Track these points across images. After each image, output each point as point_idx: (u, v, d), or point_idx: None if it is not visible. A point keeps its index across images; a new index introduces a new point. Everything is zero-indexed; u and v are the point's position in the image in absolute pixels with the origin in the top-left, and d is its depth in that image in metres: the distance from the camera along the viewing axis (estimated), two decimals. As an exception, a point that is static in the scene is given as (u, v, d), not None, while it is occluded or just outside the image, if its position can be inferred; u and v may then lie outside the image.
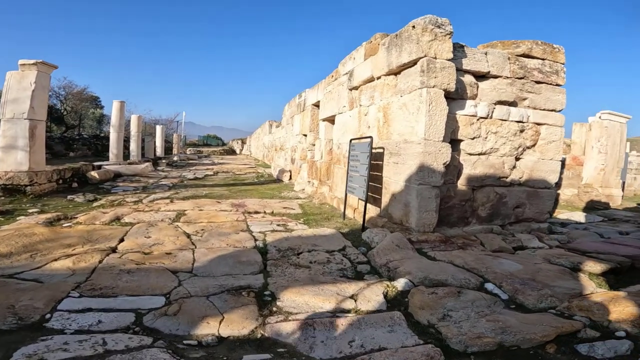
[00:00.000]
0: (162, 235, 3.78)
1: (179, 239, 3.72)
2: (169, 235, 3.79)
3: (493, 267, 3.02)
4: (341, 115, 6.28)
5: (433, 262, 3.16)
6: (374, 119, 4.91)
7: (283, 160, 13.27)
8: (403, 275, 2.88)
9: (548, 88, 4.54)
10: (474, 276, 2.87)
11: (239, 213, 5.13)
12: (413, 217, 3.82)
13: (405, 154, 3.93)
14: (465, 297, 2.51)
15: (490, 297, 2.57)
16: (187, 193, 7.22)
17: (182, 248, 3.46)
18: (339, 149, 6.38)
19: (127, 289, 2.56)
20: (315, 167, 8.20)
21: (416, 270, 2.89)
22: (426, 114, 3.64)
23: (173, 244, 3.55)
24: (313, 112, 8.78)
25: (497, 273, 2.90)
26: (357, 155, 4.77)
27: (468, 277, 2.83)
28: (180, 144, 31.21)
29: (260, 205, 5.94)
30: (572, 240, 4.54)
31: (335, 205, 6.24)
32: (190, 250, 3.41)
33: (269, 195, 7.60)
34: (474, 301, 2.47)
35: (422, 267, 2.97)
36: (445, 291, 2.58)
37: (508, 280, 2.78)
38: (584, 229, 5.32)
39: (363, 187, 4.39)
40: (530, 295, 2.56)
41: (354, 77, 5.60)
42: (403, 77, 4.17)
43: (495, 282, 2.77)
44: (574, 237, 4.65)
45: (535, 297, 2.53)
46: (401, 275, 2.90)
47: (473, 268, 3.03)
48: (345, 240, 3.93)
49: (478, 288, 2.73)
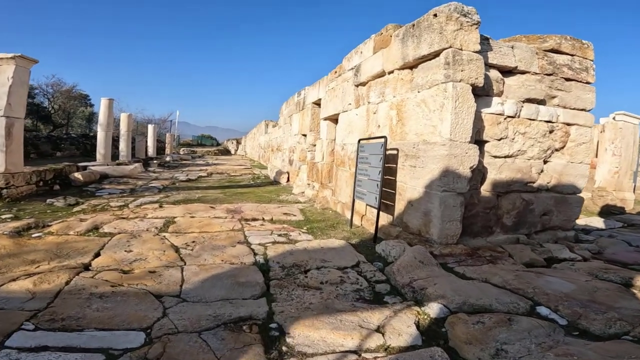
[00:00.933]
0: (146, 249, 3.28)
1: (166, 253, 3.21)
2: (153, 249, 3.28)
3: (541, 287, 2.61)
4: (346, 113, 5.82)
5: (467, 282, 2.71)
6: (384, 117, 4.45)
7: (280, 161, 12.77)
8: (434, 298, 2.44)
9: (578, 86, 4.13)
10: (521, 299, 2.46)
11: (235, 220, 4.64)
12: (435, 227, 3.37)
13: (425, 157, 3.48)
14: (519, 326, 2.09)
15: (547, 323, 2.18)
16: (178, 197, 6.69)
17: (169, 265, 2.96)
18: (343, 150, 5.92)
19: (97, 321, 2.07)
20: (316, 169, 7.73)
21: (451, 293, 2.44)
22: (452, 111, 3.19)
23: (158, 260, 3.05)
24: (313, 111, 8.31)
25: (549, 294, 2.50)
26: (366, 158, 4.31)
27: (515, 301, 2.41)
28: (174, 144, 30.52)
29: (258, 210, 5.45)
30: (602, 249, 4.16)
31: (339, 210, 5.77)
32: (179, 267, 2.92)
33: (266, 199, 7.11)
34: (530, 330, 2.05)
35: (457, 289, 2.52)
36: (494, 319, 2.15)
37: (564, 302, 2.39)
38: (609, 237, 4.94)
39: (375, 194, 3.92)
40: (595, 319, 2.17)
41: (361, 72, 5.15)
42: (421, 70, 3.73)
43: (550, 306, 2.38)
44: (604, 246, 4.26)
45: (601, 321, 2.15)
46: (432, 298, 2.45)
47: (517, 288, 2.61)
48: (357, 253, 3.46)
49: (529, 313, 2.35)
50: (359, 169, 4.50)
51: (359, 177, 4.51)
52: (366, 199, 4.22)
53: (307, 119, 8.67)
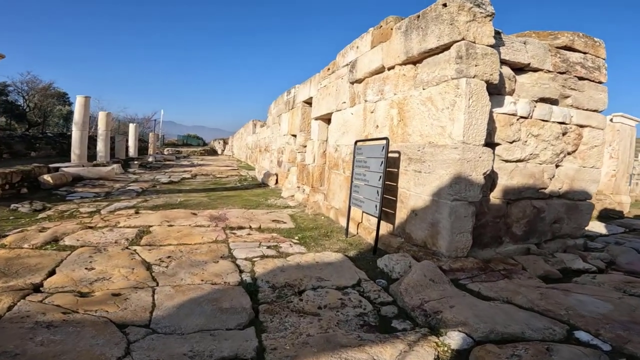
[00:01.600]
0: (111, 266, 2.81)
1: (135, 271, 2.75)
2: (120, 266, 2.81)
3: (574, 308, 2.30)
4: (340, 112, 5.45)
5: (490, 305, 2.36)
6: (384, 116, 4.10)
7: (268, 162, 12.32)
8: (453, 325, 2.08)
9: (591, 85, 3.86)
10: (555, 322, 2.15)
11: (219, 230, 4.19)
12: (444, 240, 3.02)
13: (433, 161, 3.13)
14: (560, 356, 1.77)
15: (590, 351, 1.88)
16: (158, 201, 6.19)
17: (138, 286, 2.51)
18: (336, 152, 5.54)
19: (39, 359, 1.63)
20: (307, 171, 7.34)
21: (474, 319, 2.09)
22: (465, 110, 2.84)
23: (125, 280, 2.59)
24: (304, 110, 7.92)
25: (586, 317, 2.19)
26: (364, 161, 3.94)
27: (549, 325, 2.09)
28: (158, 144, 29.61)
29: (245, 217, 5.02)
30: (614, 258, 3.91)
31: (332, 216, 5.39)
32: (150, 289, 2.47)
33: (253, 203, 6.67)
34: (575, 361, 1.71)
35: (479, 313, 2.17)
36: (530, 351, 1.82)
37: (605, 325, 2.10)
38: (616, 244, 4.72)
39: (375, 201, 3.55)
40: (643, 344, 1.84)
41: (357, 68, 4.79)
42: (427, 66, 3.38)
43: (589, 330, 2.09)
44: (615, 255, 4.02)
45: (651, 348, 1.81)
46: (450, 325, 2.09)
47: (547, 310, 2.29)
48: (357, 269, 3.07)
49: (567, 339, 2.04)
50: (356, 174, 4.13)
51: (356, 182, 4.13)
52: (364, 207, 3.85)
53: (297, 118, 8.27)
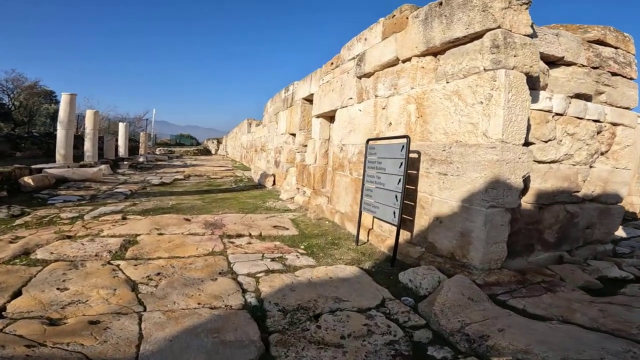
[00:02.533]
0: (89, 286, 2.38)
1: (118, 292, 2.33)
2: (100, 287, 2.38)
3: None
4: (345, 109, 5.06)
5: (548, 326, 2.00)
6: (398, 113, 3.72)
7: (265, 162, 11.89)
8: (511, 353, 1.73)
9: (623, 82, 3.54)
10: (632, 344, 1.84)
11: (215, 238, 3.77)
12: (477, 251, 2.65)
13: (463, 162, 2.76)
14: None
15: None
16: (147, 205, 5.74)
17: (121, 311, 2.10)
18: (342, 152, 5.16)
19: None
20: (307, 172, 6.94)
21: (538, 346, 1.73)
22: (504, 105, 2.48)
23: (105, 303, 2.17)
24: (304, 108, 7.52)
25: None
26: (379, 162, 3.55)
27: (628, 348, 1.78)
28: (150, 144, 28.97)
29: (243, 223, 4.61)
30: None
31: (337, 221, 5.00)
32: (135, 316, 2.06)
33: (251, 206, 6.25)
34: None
35: (541, 338, 1.81)
36: None
37: None
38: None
39: (393, 207, 3.17)
40: None
41: (365, 61, 4.41)
42: (451, 57, 3.02)
43: None
44: None
45: None
46: (506, 352, 1.75)
47: (616, 329, 1.97)
48: (378, 286, 2.68)
49: None
50: (368, 176, 3.74)
51: (368, 185, 3.75)
52: (378, 213, 3.47)
53: (296, 116, 7.87)
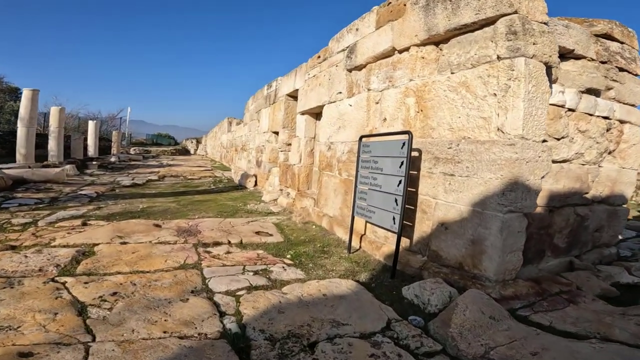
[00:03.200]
0: (23, 309, 1.89)
1: (59, 317, 1.85)
2: (37, 310, 1.90)
3: None
4: (334, 104, 4.70)
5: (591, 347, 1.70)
6: (395, 107, 3.39)
7: (245, 162, 11.39)
8: None
9: (630, 78, 3.33)
10: None
11: (189, 247, 3.32)
12: (491, 261, 2.33)
13: (475, 162, 2.43)
14: None
15: None
16: (114, 208, 5.18)
17: (62, 341, 1.63)
18: (330, 151, 4.79)
19: None
20: (291, 172, 6.54)
21: None
22: (525, 97, 2.17)
23: (42, 331, 1.70)
24: (288, 105, 7.11)
25: None
26: (374, 161, 3.20)
27: None
28: (124, 143, 27.76)
29: (222, 229, 4.16)
30: None
31: (325, 226, 4.63)
32: (80, 348, 1.60)
33: (231, 209, 5.79)
34: None
35: None
36: None
37: None
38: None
39: (392, 212, 2.82)
40: None
41: (357, 52, 4.06)
42: (457, 46, 2.70)
43: None
44: None
45: None
46: None
47: None
48: (380, 304, 2.31)
49: None
50: (362, 177, 3.39)
51: (362, 187, 3.39)
52: (374, 218, 3.11)
53: (279, 113, 7.45)
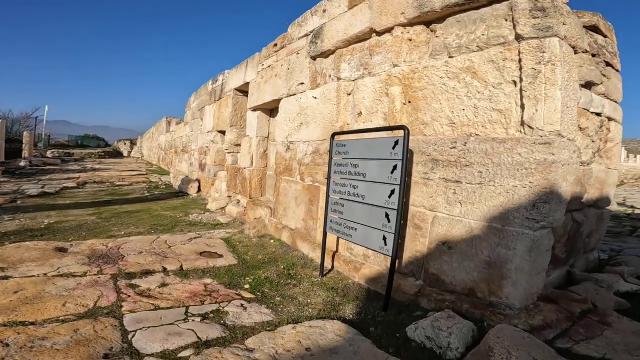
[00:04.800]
0: None
1: None
2: None
3: None
4: (294, 98, 4.03)
5: None
6: (373, 98, 2.83)
7: (187, 165, 10.21)
8: None
9: (615, 73, 3.13)
10: None
11: (105, 281, 2.42)
12: (517, 287, 1.84)
13: (491, 165, 1.93)
14: None
15: None
16: (8, 226, 3.96)
17: None
18: (288, 152, 4.11)
19: None
20: (242, 176, 5.73)
21: None
22: (562, 85, 1.71)
23: None
24: (236, 100, 6.28)
25: None
26: (353, 165, 2.59)
27: None
28: (40, 145, 24.32)
29: (155, 250, 3.27)
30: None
31: (286, 240, 3.94)
32: None
33: (168, 222, 4.83)
34: None
35: None
36: None
37: None
38: (611, 250, 4.25)
39: (383, 231, 2.21)
40: None
41: (324, 37, 3.44)
42: (456, 25, 2.22)
43: None
44: (636, 265, 3.45)
45: None
46: None
47: None
48: (383, 353, 1.69)
49: None
50: (336, 184, 2.76)
51: (335, 197, 2.75)
52: (356, 237, 2.49)
53: (226, 110, 6.58)
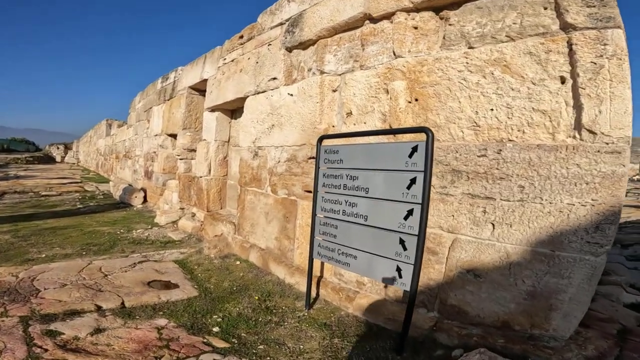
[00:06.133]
0: None
1: None
2: None
3: None
4: (263, 95, 3.50)
5: None
6: (367, 95, 2.41)
7: (130, 172, 9.09)
8: None
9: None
10: None
11: (9, 328, 1.69)
12: (569, 319, 1.48)
13: (537, 178, 1.56)
14: None
15: None
16: None
17: None
18: (256, 159, 3.56)
19: None
20: (197, 186, 5.01)
21: None
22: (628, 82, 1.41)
23: None
24: (191, 100, 5.57)
25: None
26: (351, 177, 2.11)
27: None
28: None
29: (85, 281, 2.52)
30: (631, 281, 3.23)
31: (255, 261, 3.36)
32: None
33: (106, 240, 4.00)
34: None
35: None
36: None
37: None
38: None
39: (397, 260, 1.74)
40: None
41: (304, 25, 2.99)
42: (476, 12, 1.89)
43: None
44: (624, 273, 3.37)
45: None
46: None
47: None
48: None
49: None
50: (326, 201, 2.25)
51: (326, 216, 2.24)
52: (357, 267, 2.00)
53: (178, 111, 5.82)
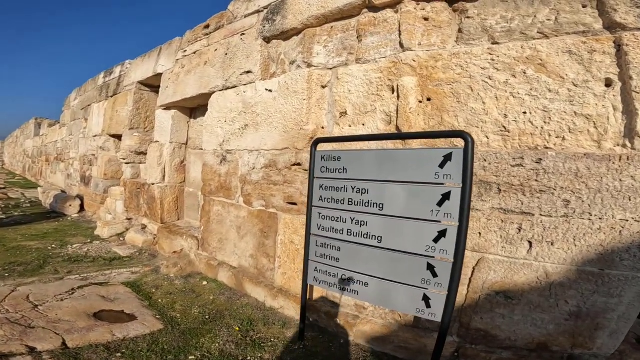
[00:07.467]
0: None
1: None
2: None
3: None
4: (233, 91, 3.08)
5: None
6: (366, 92, 2.13)
7: (63, 177, 7.94)
8: None
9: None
10: None
11: None
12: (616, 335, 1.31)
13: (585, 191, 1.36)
14: None
15: None
16: None
17: None
18: (225, 164, 3.11)
19: None
20: (148, 195, 4.37)
21: None
22: None
23: None
24: (140, 96, 4.91)
25: None
26: (358, 190, 1.78)
27: None
28: None
29: (7, 313, 1.92)
30: None
31: (226, 282, 2.91)
32: None
33: (33, 258, 3.27)
34: None
35: None
36: None
37: None
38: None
39: (422, 287, 1.44)
40: None
41: (287, 12, 2.64)
42: (499, 5, 1.72)
43: None
44: None
45: None
46: None
47: None
48: None
49: None
50: (324, 218, 1.89)
51: (324, 236, 1.88)
52: (369, 296, 1.64)
53: (124, 109, 5.10)
